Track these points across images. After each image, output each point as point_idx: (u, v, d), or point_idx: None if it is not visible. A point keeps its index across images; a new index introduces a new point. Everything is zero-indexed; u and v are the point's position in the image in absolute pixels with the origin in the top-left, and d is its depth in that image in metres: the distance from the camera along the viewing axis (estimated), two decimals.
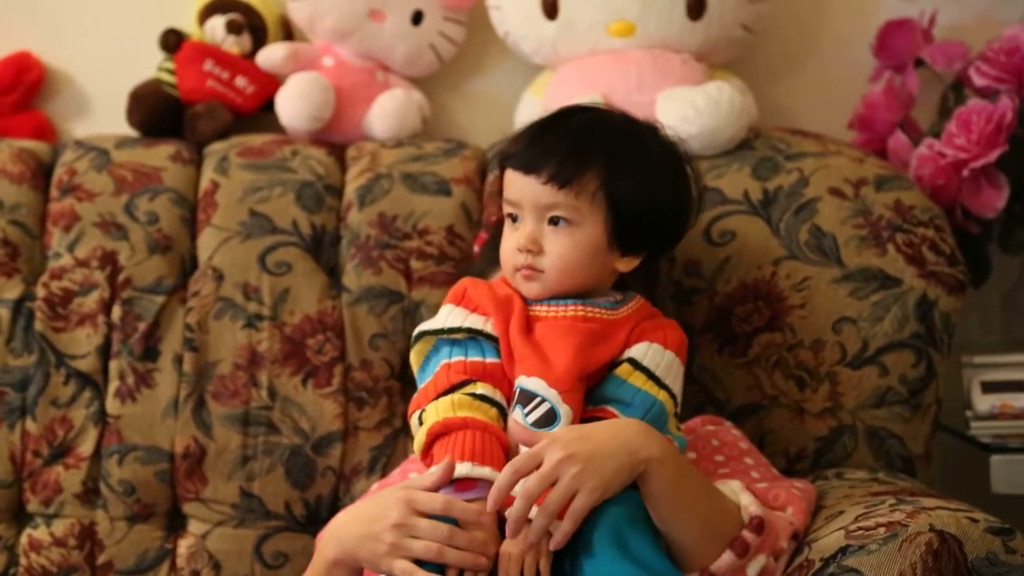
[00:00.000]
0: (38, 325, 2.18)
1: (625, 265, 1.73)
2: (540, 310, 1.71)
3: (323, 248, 2.22)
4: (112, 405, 2.16)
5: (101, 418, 2.16)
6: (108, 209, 2.23)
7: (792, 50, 2.52)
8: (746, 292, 2.12)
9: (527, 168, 1.67)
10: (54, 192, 2.26)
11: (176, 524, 2.18)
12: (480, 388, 1.67)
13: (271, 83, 2.40)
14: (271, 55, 2.38)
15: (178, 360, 2.17)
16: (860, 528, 1.66)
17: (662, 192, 1.71)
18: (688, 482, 1.66)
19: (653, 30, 2.29)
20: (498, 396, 1.68)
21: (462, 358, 1.70)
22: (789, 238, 2.11)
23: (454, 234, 2.20)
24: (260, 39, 2.41)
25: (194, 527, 2.16)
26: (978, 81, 2.33)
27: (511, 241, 1.70)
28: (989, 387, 2.29)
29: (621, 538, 1.56)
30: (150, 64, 2.41)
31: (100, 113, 2.49)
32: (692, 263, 2.14)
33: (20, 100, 2.44)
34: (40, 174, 2.28)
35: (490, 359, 1.69)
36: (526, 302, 1.72)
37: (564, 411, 1.64)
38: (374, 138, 2.36)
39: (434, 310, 1.82)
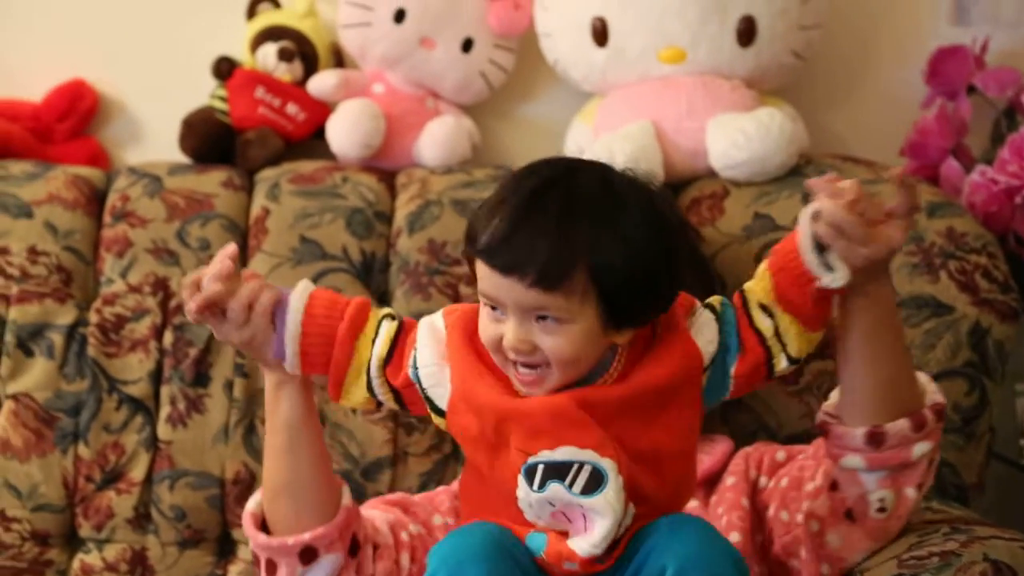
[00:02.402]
0: (91, 350, 2.19)
1: (623, 338, 1.52)
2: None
3: (373, 274, 2.23)
4: (163, 430, 2.17)
5: (152, 443, 2.17)
6: (160, 235, 2.24)
7: (843, 77, 2.51)
8: None
9: (506, 270, 1.46)
10: (107, 218, 2.27)
11: (226, 550, 2.18)
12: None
13: (322, 110, 2.41)
14: (322, 82, 2.39)
15: (228, 386, 2.18)
16: (913, 557, 1.65)
17: (653, 260, 1.48)
18: (896, 328, 1.65)
19: (703, 56, 2.29)
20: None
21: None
22: None
23: None
24: (311, 66, 2.42)
25: (244, 553, 2.16)
26: None
27: (494, 331, 1.50)
28: None
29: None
30: (202, 91, 2.43)
31: (153, 140, 2.50)
32: None
33: (74, 127, 2.46)
34: (94, 200, 2.29)
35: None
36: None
37: (608, 464, 1.49)
38: (424, 165, 2.37)
39: None
